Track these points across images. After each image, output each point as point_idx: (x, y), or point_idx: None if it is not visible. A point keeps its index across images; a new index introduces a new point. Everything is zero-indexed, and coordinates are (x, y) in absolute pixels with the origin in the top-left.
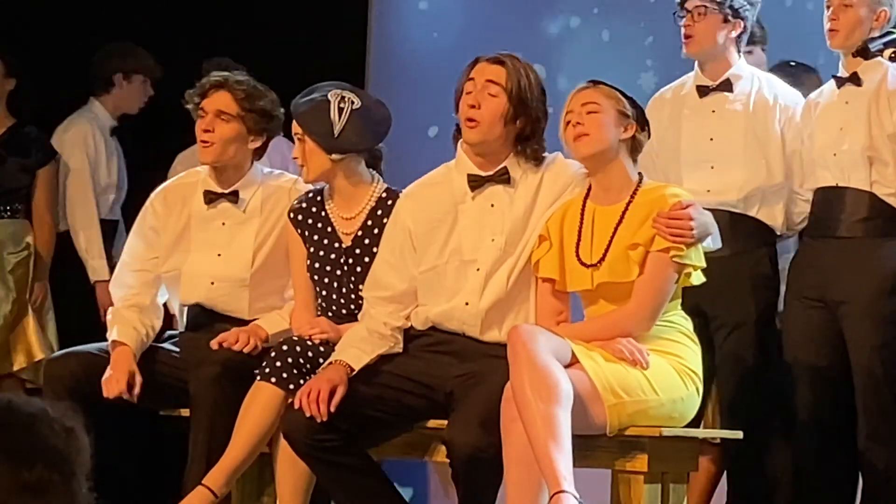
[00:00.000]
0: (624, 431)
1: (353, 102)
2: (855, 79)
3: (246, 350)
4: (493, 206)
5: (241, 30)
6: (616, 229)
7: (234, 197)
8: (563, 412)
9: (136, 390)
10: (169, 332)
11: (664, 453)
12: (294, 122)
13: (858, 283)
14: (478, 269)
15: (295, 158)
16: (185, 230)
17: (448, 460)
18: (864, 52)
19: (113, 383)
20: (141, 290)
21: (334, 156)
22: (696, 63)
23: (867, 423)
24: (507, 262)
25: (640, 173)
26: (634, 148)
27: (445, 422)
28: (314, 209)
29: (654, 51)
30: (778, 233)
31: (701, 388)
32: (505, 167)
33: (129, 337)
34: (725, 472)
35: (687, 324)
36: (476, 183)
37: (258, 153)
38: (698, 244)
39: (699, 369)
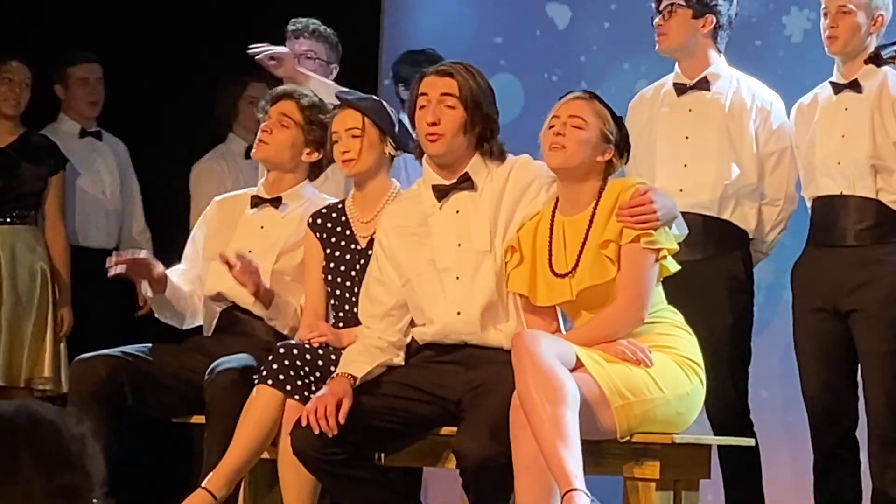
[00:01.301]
0: (634, 438)
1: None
2: (855, 85)
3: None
4: (458, 212)
5: (254, 34)
6: (586, 235)
7: (276, 202)
8: (570, 412)
9: (153, 271)
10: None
11: (676, 460)
12: (346, 117)
13: (870, 291)
14: (457, 278)
15: (346, 152)
16: (229, 233)
17: (458, 469)
18: (876, 59)
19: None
20: (191, 279)
21: (398, 152)
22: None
23: (876, 430)
24: (487, 264)
25: (605, 181)
26: (608, 171)
27: (457, 429)
28: (334, 214)
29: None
30: (751, 236)
31: (704, 378)
32: (467, 173)
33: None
34: (723, 478)
35: (677, 316)
36: (441, 192)
37: (314, 172)
38: (665, 227)
39: (699, 359)
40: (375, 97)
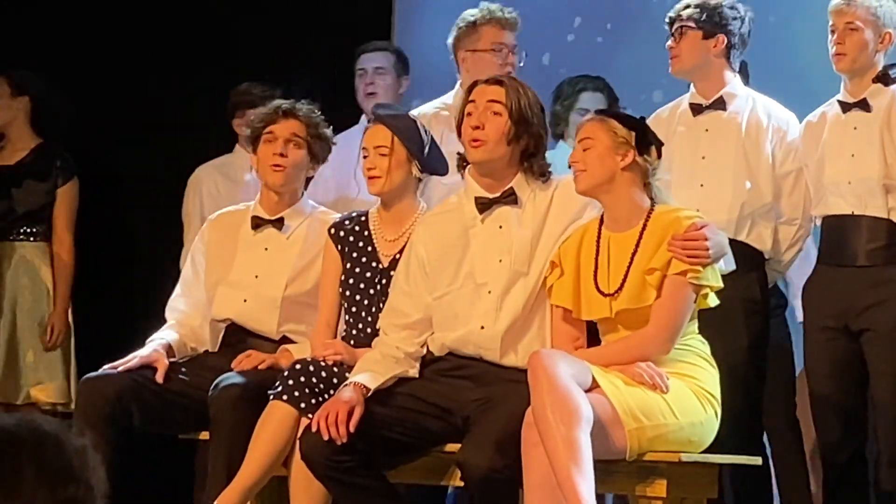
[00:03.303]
0: (643, 457)
1: (429, 130)
2: (864, 104)
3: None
4: (501, 227)
5: (271, 36)
6: (633, 257)
7: (279, 224)
8: (584, 435)
9: (158, 375)
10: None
11: (683, 479)
12: (376, 133)
13: (881, 311)
14: (489, 292)
15: (371, 169)
16: (230, 254)
17: (463, 483)
18: (884, 79)
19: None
20: (191, 313)
21: (423, 174)
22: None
23: (887, 451)
24: (521, 284)
25: (652, 199)
26: (641, 173)
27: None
28: (357, 228)
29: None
30: (766, 256)
31: (719, 411)
32: (511, 188)
33: (168, 336)
34: (735, 498)
35: (704, 347)
36: (484, 205)
37: (307, 184)
38: (714, 265)
39: (717, 392)
40: (412, 115)
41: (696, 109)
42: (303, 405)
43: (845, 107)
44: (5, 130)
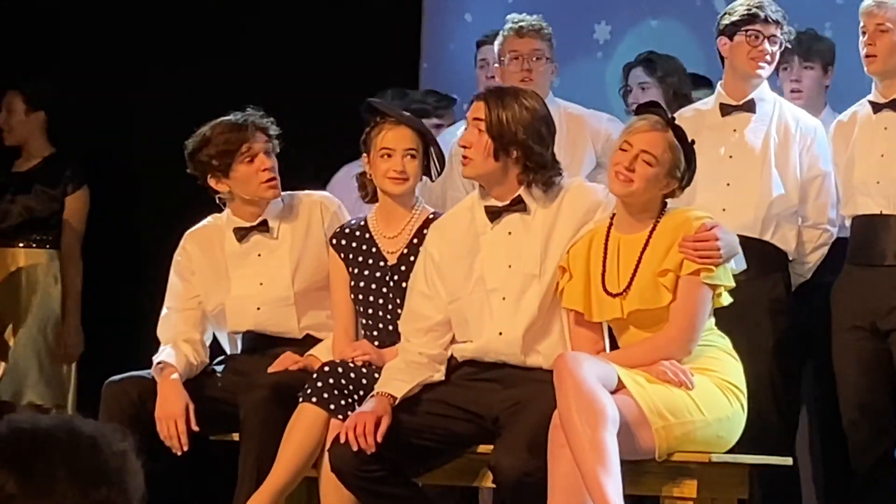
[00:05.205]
0: (672, 457)
1: None
2: (894, 105)
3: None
4: (510, 233)
5: (290, 40)
6: (641, 256)
7: (264, 227)
8: (610, 437)
9: (192, 423)
10: (222, 357)
11: (713, 479)
12: (403, 136)
13: None
14: (503, 298)
15: (401, 172)
16: (222, 270)
17: (495, 486)
18: None
19: (170, 426)
20: (189, 327)
21: (437, 179)
22: (720, 82)
23: None
24: (534, 286)
25: (664, 202)
26: (667, 196)
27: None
28: (357, 233)
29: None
30: (790, 258)
31: (745, 403)
32: (519, 196)
33: (179, 362)
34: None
35: (724, 341)
36: (493, 214)
37: None
38: (726, 264)
39: (742, 385)
40: (417, 118)
41: (726, 110)
42: (332, 406)
43: (876, 107)
44: (23, 144)
